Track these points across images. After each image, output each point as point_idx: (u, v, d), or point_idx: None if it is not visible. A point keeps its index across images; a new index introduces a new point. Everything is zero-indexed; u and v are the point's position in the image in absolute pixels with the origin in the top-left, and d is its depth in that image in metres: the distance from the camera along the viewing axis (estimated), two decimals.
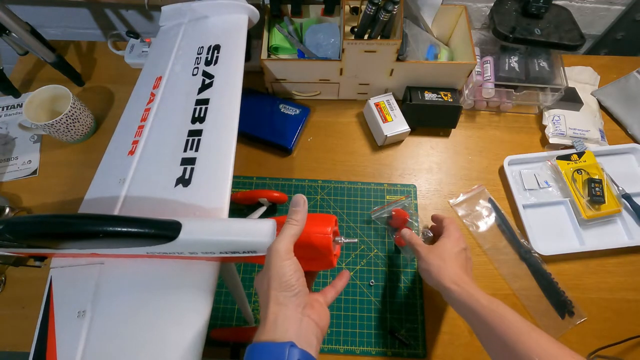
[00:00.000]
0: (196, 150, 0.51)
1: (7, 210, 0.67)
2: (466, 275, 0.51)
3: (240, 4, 0.64)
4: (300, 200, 0.38)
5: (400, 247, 0.66)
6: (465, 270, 0.52)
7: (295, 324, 0.34)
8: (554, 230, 0.68)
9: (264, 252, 0.39)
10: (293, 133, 0.74)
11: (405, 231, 0.60)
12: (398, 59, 0.69)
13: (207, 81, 0.57)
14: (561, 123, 0.74)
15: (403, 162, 0.75)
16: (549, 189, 0.71)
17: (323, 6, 0.78)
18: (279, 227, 0.39)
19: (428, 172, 0.74)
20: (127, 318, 0.41)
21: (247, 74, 0.60)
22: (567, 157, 0.71)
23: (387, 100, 0.75)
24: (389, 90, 0.78)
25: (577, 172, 0.69)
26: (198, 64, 0.60)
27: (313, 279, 0.44)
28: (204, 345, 0.39)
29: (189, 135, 0.52)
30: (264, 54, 0.73)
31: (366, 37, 0.67)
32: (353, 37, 0.67)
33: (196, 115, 0.54)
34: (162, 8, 0.69)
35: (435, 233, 0.62)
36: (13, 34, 0.70)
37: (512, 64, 0.74)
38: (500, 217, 0.69)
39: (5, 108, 0.81)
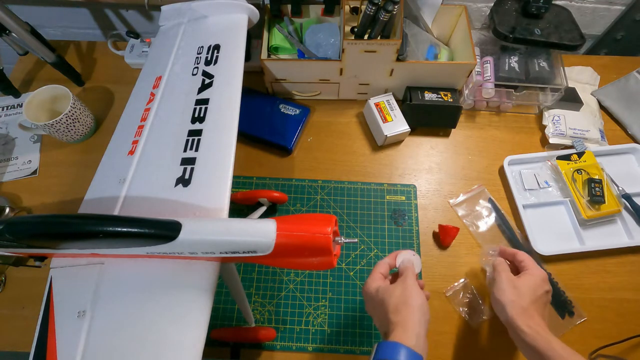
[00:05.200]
0: (196, 150, 0.51)
1: (7, 210, 0.67)
2: (541, 320, 0.48)
3: (240, 3, 0.64)
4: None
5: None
6: (542, 315, 0.49)
7: (422, 340, 0.43)
8: (554, 230, 0.68)
9: (264, 252, 0.39)
10: (293, 133, 0.74)
11: (499, 258, 0.56)
12: (398, 59, 0.69)
13: (207, 81, 0.57)
14: (561, 123, 0.74)
15: (403, 162, 0.75)
16: (549, 189, 0.71)
17: (323, 6, 0.78)
18: (279, 226, 0.39)
19: (428, 172, 0.74)
20: (127, 318, 0.41)
21: (247, 74, 0.59)
22: (567, 157, 0.71)
23: (387, 100, 0.75)
24: (389, 90, 0.78)
25: (577, 172, 0.69)
26: (198, 63, 0.60)
27: None
28: (204, 345, 0.39)
29: (188, 135, 0.52)
30: (264, 54, 0.73)
31: (366, 37, 0.67)
32: (353, 37, 0.67)
33: (196, 115, 0.54)
34: (162, 8, 0.69)
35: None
36: (13, 34, 0.70)
37: (512, 64, 0.74)
38: (500, 217, 0.69)
39: (5, 108, 0.81)
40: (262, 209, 0.67)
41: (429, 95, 0.74)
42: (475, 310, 0.61)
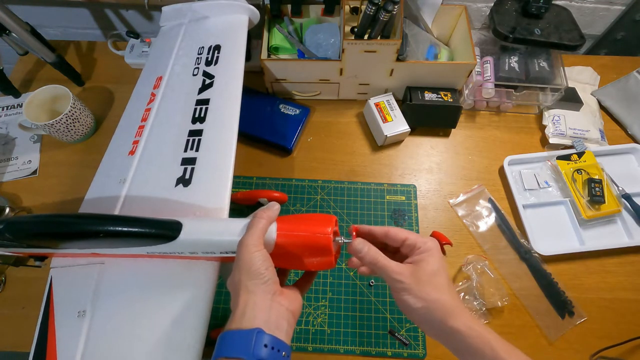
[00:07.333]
0: (196, 150, 0.51)
1: (7, 210, 0.67)
2: (466, 309, 0.37)
3: (241, 4, 0.64)
4: (275, 205, 0.41)
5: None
6: (460, 300, 0.37)
7: (264, 310, 0.34)
8: (554, 230, 0.68)
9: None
10: (293, 133, 0.74)
11: (362, 244, 0.39)
12: (398, 59, 0.69)
13: (208, 81, 0.57)
14: (561, 123, 0.74)
15: (403, 162, 0.75)
16: (549, 189, 0.71)
17: (323, 6, 0.78)
18: (279, 226, 0.39)
19: (428, 172, 0.74)
20: (127, 318, 0.41)
21: (247, 74, 0.60)
22: (567, 157, 0.71)
23: (387, 100, 0.75)
24: (389, 90, 0.78)
25: (577, 172, 0.69)
26: (198, 64, 0.60)
27: (285, 277, 0.43)
28: (204, 345, 0.39)
29: (189, 135, 0.52)
30: (264, 54, 0.73)
31: (366, 37, 0.67)
32: (353, 37, 0.67)
33: (196, 115, 0.54)
34: (163, 8, 0.69)
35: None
36: (13, 34, 0.70)
37: (512, 64, 0.74)
38: (500, 217, 0.69)
39: (5, 108, 0.81)
40: None
41: (429, 95, 0.74)
42: (477, 312, 0.61)
